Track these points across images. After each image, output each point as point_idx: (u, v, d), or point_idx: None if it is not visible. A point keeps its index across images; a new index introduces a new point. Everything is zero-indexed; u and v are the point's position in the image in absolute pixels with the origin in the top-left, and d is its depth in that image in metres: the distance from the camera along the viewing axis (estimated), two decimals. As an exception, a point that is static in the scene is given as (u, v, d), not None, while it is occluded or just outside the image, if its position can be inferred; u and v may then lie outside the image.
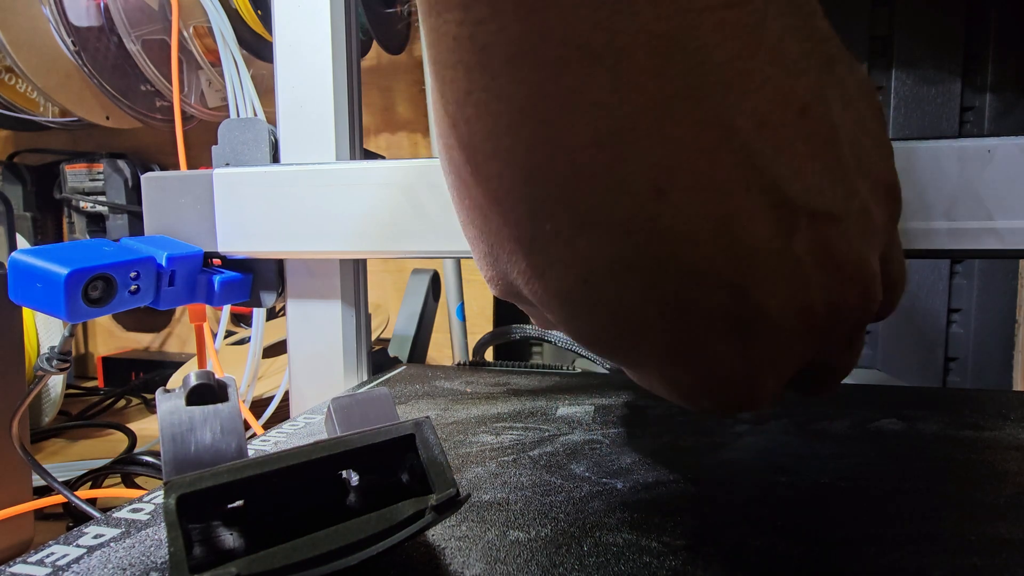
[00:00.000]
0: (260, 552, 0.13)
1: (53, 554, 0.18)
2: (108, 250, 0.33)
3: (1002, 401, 0.32)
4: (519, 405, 0.32)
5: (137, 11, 0.70)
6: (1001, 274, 0.74)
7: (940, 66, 0.72)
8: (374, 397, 0.19)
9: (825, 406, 0.31)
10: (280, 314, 0.80)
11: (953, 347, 0.76)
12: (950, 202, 0.29)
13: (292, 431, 0.29)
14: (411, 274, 0.67)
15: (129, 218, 0.86)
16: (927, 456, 0.25)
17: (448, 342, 0.77)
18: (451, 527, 0.19)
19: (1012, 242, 0.28)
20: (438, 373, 0.40)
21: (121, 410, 0.78)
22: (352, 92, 0.41)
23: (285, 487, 0.15)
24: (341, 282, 0.41)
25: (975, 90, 0.73)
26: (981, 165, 0.28)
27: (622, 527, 0.19)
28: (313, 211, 0.37)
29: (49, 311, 0.30)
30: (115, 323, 1.01)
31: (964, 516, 0.19)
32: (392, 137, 0.90)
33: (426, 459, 0.16)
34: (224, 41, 0.61)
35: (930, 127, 0.73)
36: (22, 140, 0.98)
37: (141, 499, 0.22)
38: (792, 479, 0.22)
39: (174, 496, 0.13)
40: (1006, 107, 0.72)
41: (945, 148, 0.28)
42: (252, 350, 0.59)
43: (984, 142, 0.28)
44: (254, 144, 0.40)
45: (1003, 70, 0.72)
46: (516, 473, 0.23)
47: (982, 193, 0.28)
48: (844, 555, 0.17)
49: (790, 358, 0.15)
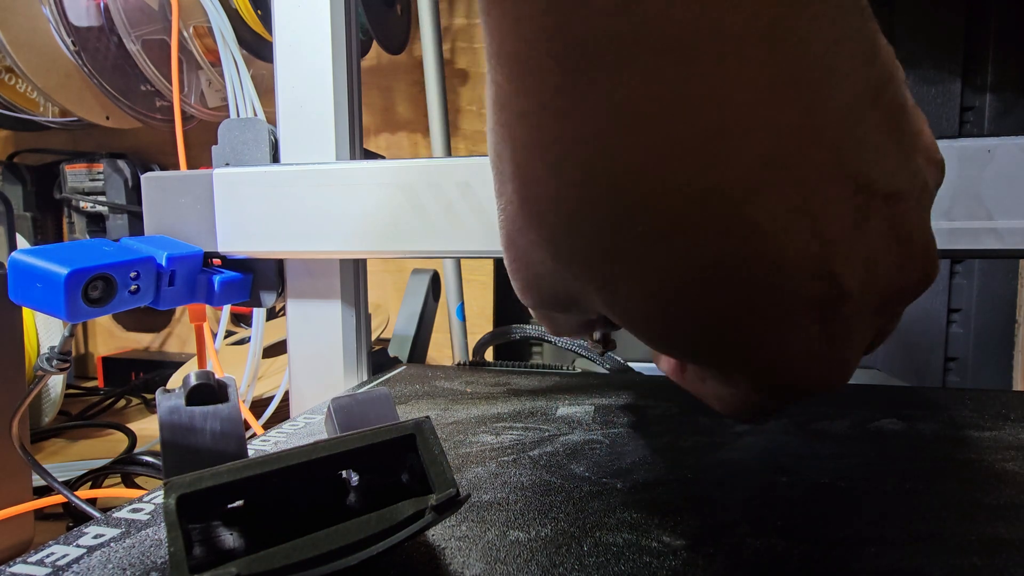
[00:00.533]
0: (260, 552, 0.13)
1: (53, 554, 0.18)
2: (108, 250, 0.33)
3: (1002, 401, 0.32)
4: (519, 405, 0.32)
5: (137, 11, 0.70)
6: (1001, 274, 0.74)
7: (940, 66, 0.72)
8: (374, 397, 0.19)
9: (825, 406, 0.31)
10: (280, 314, 0.80)
11: (953, 347, 0.76)
12: (950, 202, 0.29)
13: (292, 431, 0.29)
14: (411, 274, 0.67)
15: (129, 218, 0.86)
16: (927, 456, 0.25)
17: (448, 342, 0.77)
18: (451, 527, 0.19)
19: (1012, 242, 0.28)
20: (438, 373, 0.40)
21: (121, 410, 0.78)
22: (352, 92, 0.41)
23: (285, 487, 0.15)
24: (341, 282, 0.41)
25: (975, 90, 0.73)
26: (981, 165, 0.28)
27: (622, 527, 0.19)
28: (313, 211, 0.37)
29: (49, 311, 0.30)
30: (115, 323, 1.01)
31: (964, 516, 0.19)
32: (392, 137, 0.90)
33: (426, 459, 0.16)
34: (224, 41, 0.61)
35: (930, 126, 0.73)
36: (22, 140, 0.98)
37: (141, 499, 0.22)
38: (792, 479, 0.22)
39: (174, 496, 0.13)
40: (1006, 107, 0.72)
41: (945, 148, 0.28)
42: (252, 350, 0.59)
43: (984, 142, 0.28)
44: (254, 144, 0.40)
45: (1003, 70, 0.72)
46: (516, 473, 0.23)
47: (982, 193, 0.28)
48: (844, 555, 0.17)
49: (866, 334, 0.16)
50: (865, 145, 0.13)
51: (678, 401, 0.32)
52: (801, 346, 0.15)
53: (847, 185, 0.13)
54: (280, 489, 0.15)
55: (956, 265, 0.76)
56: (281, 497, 0.16)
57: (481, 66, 0.87)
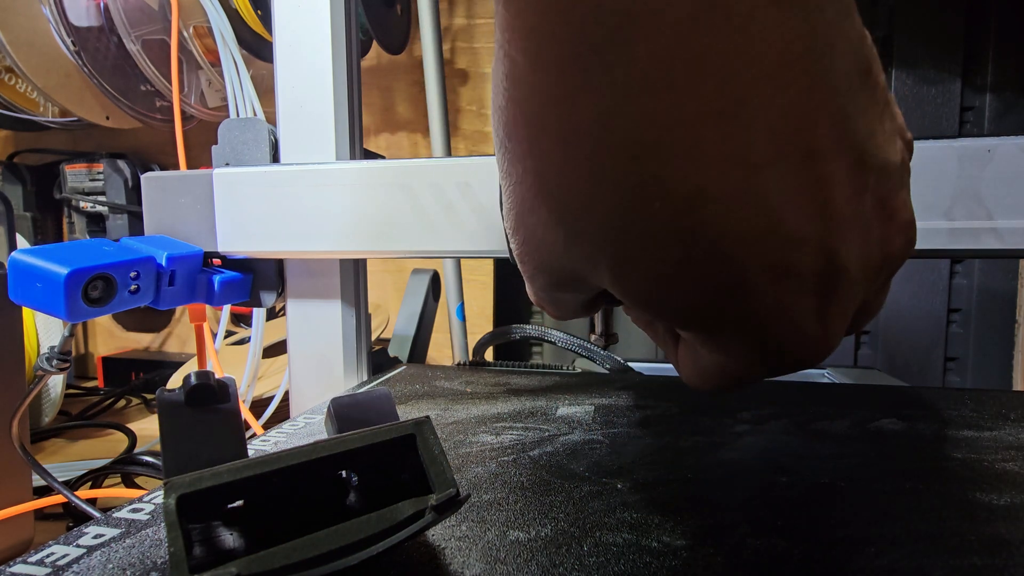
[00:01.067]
0: (260, 552, 0.13)
1: (53, 554, 0.18)
2: (108, 250, 0.33)
3: (1002, 401, 0.32)
4: (519, 405, 0.32)
5: (137, 11, 0.70)
6: (1001, 274, 0.74)
7: (940, 66, 0.72)
8: (374, 397, 0.19)
9: (825, 406, 0.31)
10: (280, 314, 0.80)
11: (953, 347, 0.76)
12: (950, 202, 0.29)
13: (292, 431, 0.29)
14: (411, 274, 0.67)
15: (129, 218, 0.86)
16: (927, 456, 0.25)
17: (448, 342, 0.77)
18: (451, 527, 0.19)
19: (1012, 242, 0.28)
20: (438, 373, 0.40)
21: (121, 410, 0.78)
22: (352, 92, 0.41)
23: (285, 487, 0.15)
24: (341, 282, 0.41)
25: (975, 90, 0.73)
26: (981, 165, 0.28)
27: (622, 527, 0.19)
28: (313, 211, 0.37)
29: (49, 311, 0.30)
30: (115, 323, 1.01)
31: (964, 516, 0.19)
32: (392, 137, 0.90)
33: (426, 459, 0.16)
34: (224, 41, 0.61)
35: (930, 127, 0.73)
36: (22, 140, 0.98)
37: (141, 499, 0.22)
38: (792, 479, 0.22)
39: (174, 496, 0.13)
40: (1006, 107, 0.72)
41: (945, 148, 0.29)
42: (252, 350, 0.59)
43: (984, 142, 0.28)
44: (254, 144, 0.40)
45: (1003, 70, 0.72)
46: (516, 473, 0.23)
47: (982, 193, 0.28)
48: (844, 555, 0.17)
49: (853, 306, 0.16)
50: (861, 120, 0.14)
51: (678, 401, 0.32)
52: (799, 318, 0.15)
53: (847, 159, 0.14)
54: (280, 489, 0.15)
55: (956, 265, 0.76)
56: (281, 497, 0.16)
57: (481, 66, 0.87)
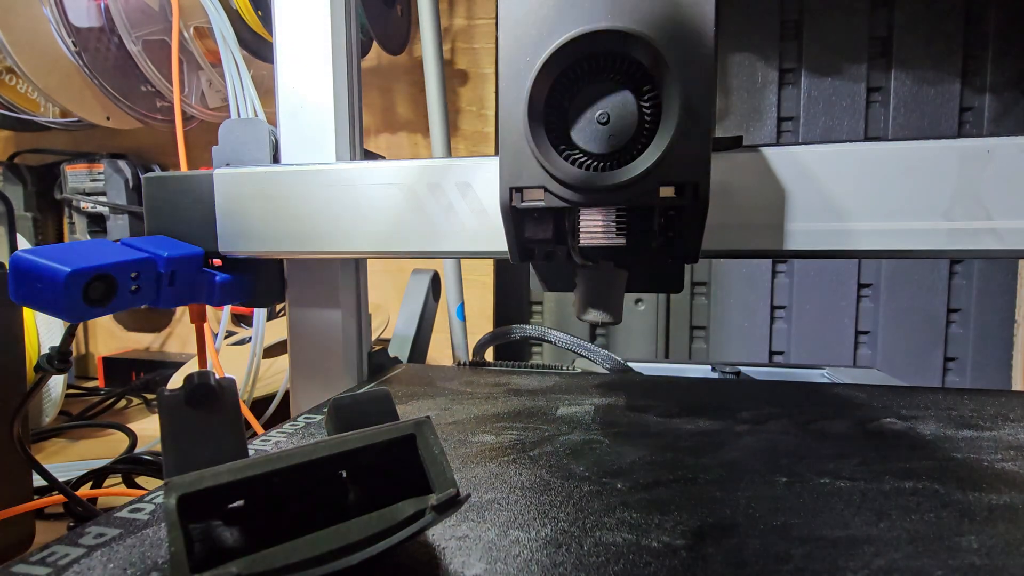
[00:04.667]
0: (260, 552, 0.13)
1: (54, 554, 0.18)
2: (108, 250, 0.33)
3: (1002, 401, 0.32)
4: (519, 405, 0.32)
5: (137, 11, 0.70)
6: (1001, 274, 0.74)
7: (940, 66, 0.73)
8: (374, 397, 0.19)
9: (825, 406, 0.31)
10: (280, 314, 0.80)
11: (953, 347, 0.77)
12: (949, 203, 0.29)
13: (292, 431, 0.29)
14: (411, 274, 0.67)
15: (130, 218, 0.86)
16: (927, 456, 0.25)
17: (448, 342, 0.77)
18: (451, 527, 0.19)
19: (1012, 242, 0.28)
20: (438, 373, 0.40)
21: (121, 410, 0.78)
22: (352, 92, 0.41)
23: (285, 487, 0.15)
24: (341, 282, 0.41)
25: (974, 90, 0.73)
26: (980, 166, 0.28)
27: (622, 527, 0.19)
28: (313, 211, 0.37)
29: (49, 311, 0.30)
30: (115, 323, 1.01)
31: (964, 516, 0.19)
32: (392, 137, 0.90)
33: (426, 459, 0.16)
34: (224, 41, 0.61)
35: (930, 127, 0.73)
36: (23, 140, 0.98)
37: (142, 499, 0.22)
38: (792, 479, 0.22)
39: (175, 496, 0.13)
40: (1005, 108, 0.72)
41: (945, 148, 0.29)
42: (252, 350, 0.59)
43: (983, 142, 0.28)
44: (254, 144, 0.40)
45: (1002, 71, 0.72)
46: (516, 473, 0.23)
47: (981, 194, 0.28)
48: (844, 555, 0.17)
49: None
50: None
51: (678, 401, 0.32)
52: None
53: None
54: (280, 489, 0.15)
55: (956, 265, 0.76)
56: (281, 497, 0.16)
57: (481, 66, 0.87)
